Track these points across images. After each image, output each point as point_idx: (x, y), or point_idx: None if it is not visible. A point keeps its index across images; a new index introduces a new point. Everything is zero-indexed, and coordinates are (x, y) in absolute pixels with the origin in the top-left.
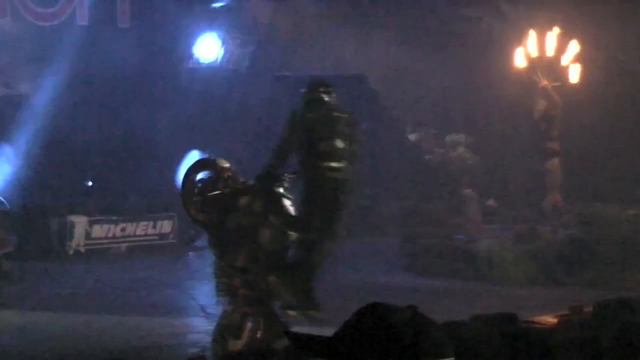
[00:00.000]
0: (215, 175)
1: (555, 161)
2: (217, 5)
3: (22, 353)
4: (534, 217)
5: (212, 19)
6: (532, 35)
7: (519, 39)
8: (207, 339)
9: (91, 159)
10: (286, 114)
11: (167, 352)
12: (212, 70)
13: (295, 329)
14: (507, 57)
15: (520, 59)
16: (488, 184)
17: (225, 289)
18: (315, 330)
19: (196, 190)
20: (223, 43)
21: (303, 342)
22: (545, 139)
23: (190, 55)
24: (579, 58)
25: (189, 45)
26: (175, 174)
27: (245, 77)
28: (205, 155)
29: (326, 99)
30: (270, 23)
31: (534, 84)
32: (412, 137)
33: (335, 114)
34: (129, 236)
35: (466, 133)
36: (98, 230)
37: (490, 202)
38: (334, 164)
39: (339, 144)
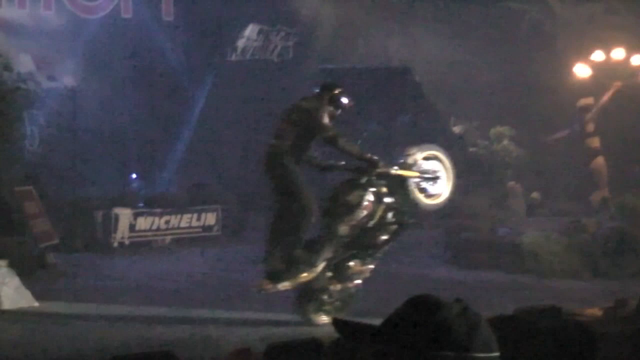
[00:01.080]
0: None
1: (601, 157)
2: None
3: (68, 344)
4: (579, 210)
5: (256, 12)
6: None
7: (565, 31)
8: (252, 332)
9: (135, 152)
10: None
11: (213, 343)
12: (256, 63)
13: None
14: (554, 49)
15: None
16: (532, 176)
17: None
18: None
19: None
20: (267, 36)
21: (349, 330)
22: (591, 135)
23: (234, 48)
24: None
25: (233, 38)
26: (219, 166)
27: (290, 70)
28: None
29: None
30: (314, 15)
31: (582, 79)
32: (456, 129)
33: None
34: (172, 228)
35: (510, 126)
36: (142, 223)
37: (535, 195)
38: None
39: None
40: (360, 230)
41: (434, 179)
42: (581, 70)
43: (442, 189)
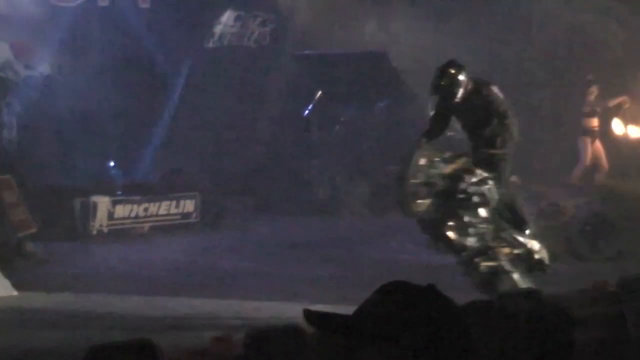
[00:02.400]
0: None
1: (587, 138)
2: None
3: (47, 334)
4: (557, 193)
5: None
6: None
7: (543, 14)
8: (232, 319)
9: (113, 139)
10: (308, 91)
11: (193, 331)
12: (233, 49)
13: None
14: (532, 32)
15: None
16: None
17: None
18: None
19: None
20: (244, 22)
21: (321, 321)
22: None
23: (211, 35)
24: None
25: (210, 25)
26: (197, 153)
27: (267, 56)
28: None
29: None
30: (290, 1)
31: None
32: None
33: None
34: (151, 216)
35: None
36: (121, 210)
37: (514, 179)
38: None
39: None
40: None
41: None
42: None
43: None
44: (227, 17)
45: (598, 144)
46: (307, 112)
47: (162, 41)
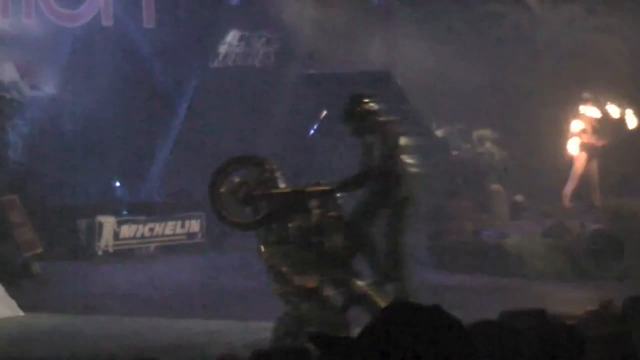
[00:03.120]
0: (261, 173)
1: (580, 157)
2: (242, 3)
3: (53, 354)
4: (562, 212)
5: (237, 17)
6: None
7: (546, 33)
8: (237, 339)
9: (118, 160)
10: (313, 111)
11: (198, 351)
12: (238, 69)
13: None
14: (535, 51)
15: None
16: (516, 179)
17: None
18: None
19: (234, 187)
20: (248, 42)
21: (326, 344)
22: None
23: (216, 55)
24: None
25: (215, 44)
26: (202, 173)
27: (272, 76)
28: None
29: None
30: (295, 20)
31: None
32: (438, 133)
33: None
34: (157, 236)
35: (493, 128)
36: (126, 231)
37: (519, 198)
38: None
39: None
40: None
41: None
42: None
43: None
44: (232, 36)
45: (593, 163)
46: (312, 131)
47: (167, 61)
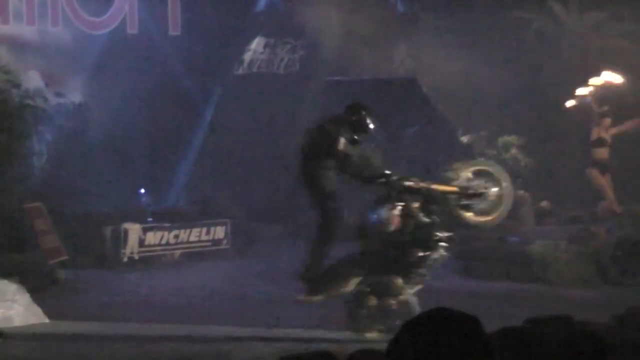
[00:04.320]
0: None
1: (595, 170)
2: (266, 10)
3: None
4: (588, 218)
5: (262, 25)
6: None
7: (571, 39)
8: (263, 347)
9: (143, 167)
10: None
11: (224, 358)
12: (262, 76)
13: None
14: (561, 57)
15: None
16: (541, 185)
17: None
18: None
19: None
20: (273, 48)
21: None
22: (599, 144)
23: (241, 62)
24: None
25: (239, 52)
26: (227, 180)
27: (296, 83)
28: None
29: None
30: (320, 27)
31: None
32: (464, 139)
33: None
34: (182, 242)
35: (518, 135)
36: (151, 237)
37: (544, 204)
38: None
39: None
40: (391, 246)
41: (475, 195)
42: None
43: (493, 206)
44: (257, 43)
45: (608, 175)
46: None
47: (192, 68)
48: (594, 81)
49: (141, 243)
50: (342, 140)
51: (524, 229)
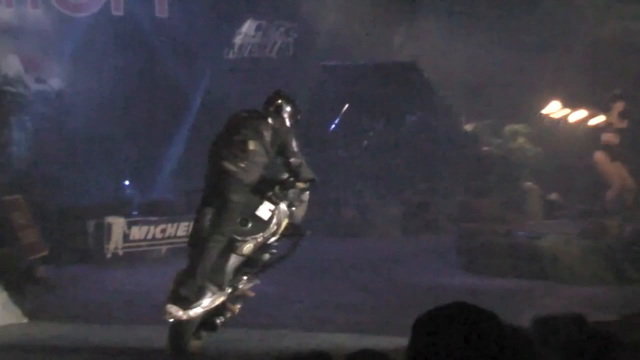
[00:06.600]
0: None
1: (603, 155)
2: None
3: None
4: (600, 211)
5: (254, 6)
6: None
7: (582, 19)
8: (256, 347)
9: (128, 157)
10: (333, 104)
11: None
12: (254, 60)
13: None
14: (571, 38)
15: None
16: (551, 176)
17: None
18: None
19: None
20: (265, 32)
21: None
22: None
23: (231, 46)
24: None
25: (230, 35)
26: None
27: (290, 68)
28: None
29: None
30: (315, 9)
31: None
32: (468, 127)
33: None
34: (169, 237)
35: (526, 123)
36: (137, 232)
37: (553, 196)
38: None
39: None
40: (260, 247)
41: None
42: None
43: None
44: (248, 26)
45: (618, 162)
46: (333, 126)
47: (180, 53)
48: (605, 64)
49: (126, 238)
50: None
51: (532, 222)
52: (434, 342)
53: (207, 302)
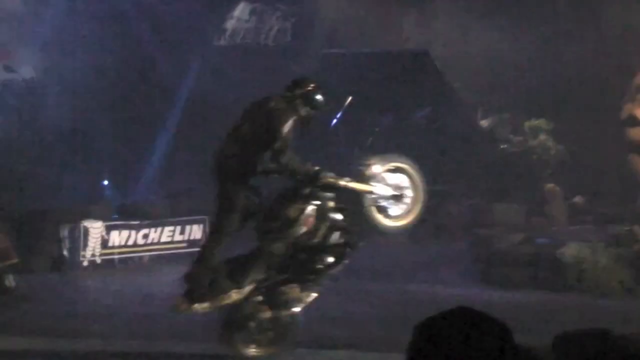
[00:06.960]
0: None
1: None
2: None
3: None
4: (630, 217)
5: None
6: None
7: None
8: None
9: (107, 155)
10: (335, 98)
11: None
12: (248, 47)
13: None
14: (596, 27)
15: None
16: (575, 177)
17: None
18: None
19: None
20: (261, 16)
21: None
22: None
23: (222, 31)
24: None
25: (221, 19)
26: (204, 171)
27: (288, 56)
28: None
29: None
30: None
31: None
32: (483, 122)
33: None
34: (152, 243)
35: (548, 118)
36: (116, 237)
37: (578, 199)
38: None
39: None
40: (299, 249)
41: (396, 197)
42: None
43: (407, 210)
44: (241, 10)
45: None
46: (335, 121)
47: (165, 39)
48: (632, 54)
49: (104, 244)
50: (290, 123)
51: (555, 228)
52: (433, 345)
53: (219, 299)
